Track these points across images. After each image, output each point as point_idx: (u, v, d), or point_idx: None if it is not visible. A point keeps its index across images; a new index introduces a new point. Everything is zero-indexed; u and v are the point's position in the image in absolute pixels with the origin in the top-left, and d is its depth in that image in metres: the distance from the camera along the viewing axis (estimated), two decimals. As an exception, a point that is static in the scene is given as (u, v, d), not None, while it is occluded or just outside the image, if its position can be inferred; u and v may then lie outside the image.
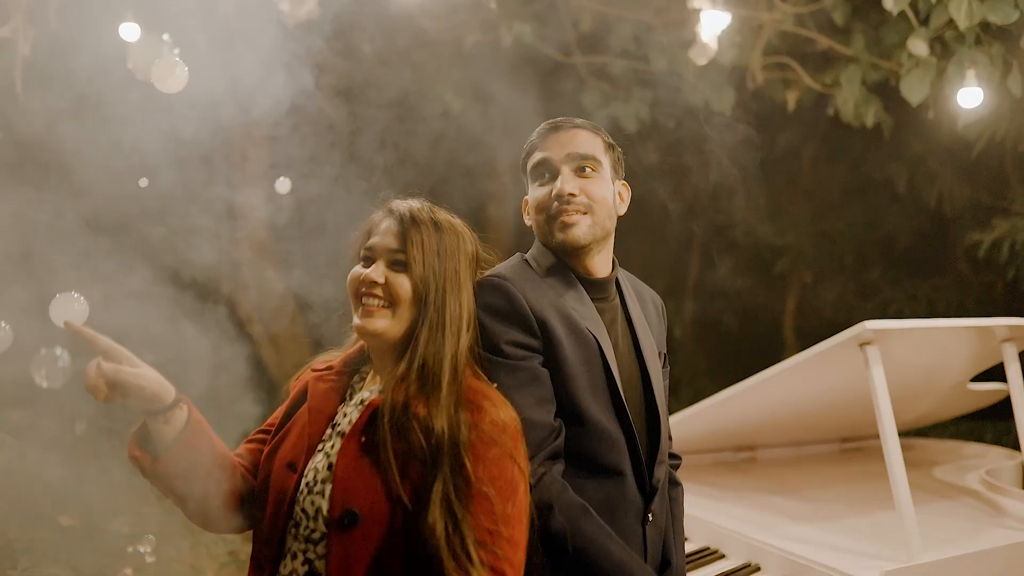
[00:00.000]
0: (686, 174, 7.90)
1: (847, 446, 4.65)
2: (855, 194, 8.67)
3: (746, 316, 9.68)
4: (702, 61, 4.74)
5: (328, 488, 1.71)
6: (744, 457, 4.33)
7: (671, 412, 3.76)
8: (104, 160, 5.06)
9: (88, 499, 5.37)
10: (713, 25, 4.65)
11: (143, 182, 5.37)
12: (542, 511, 1.75)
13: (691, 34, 5.30)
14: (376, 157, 7.47)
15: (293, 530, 1.76)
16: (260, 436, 2.02)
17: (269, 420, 2.03)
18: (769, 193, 8.78)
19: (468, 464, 1.63)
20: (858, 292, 8.82)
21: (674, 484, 2.27)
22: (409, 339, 1.78)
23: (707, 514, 3.33)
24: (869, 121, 5.67)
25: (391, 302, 1.78)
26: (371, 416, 1.75)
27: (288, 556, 1.75)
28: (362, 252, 1.85)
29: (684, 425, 3.77)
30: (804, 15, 5.58)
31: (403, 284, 1.78)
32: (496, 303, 1.87)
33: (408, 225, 1.80)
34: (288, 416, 1.94)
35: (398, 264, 1.79)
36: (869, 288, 8.74)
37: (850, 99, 5.59)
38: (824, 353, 3.02)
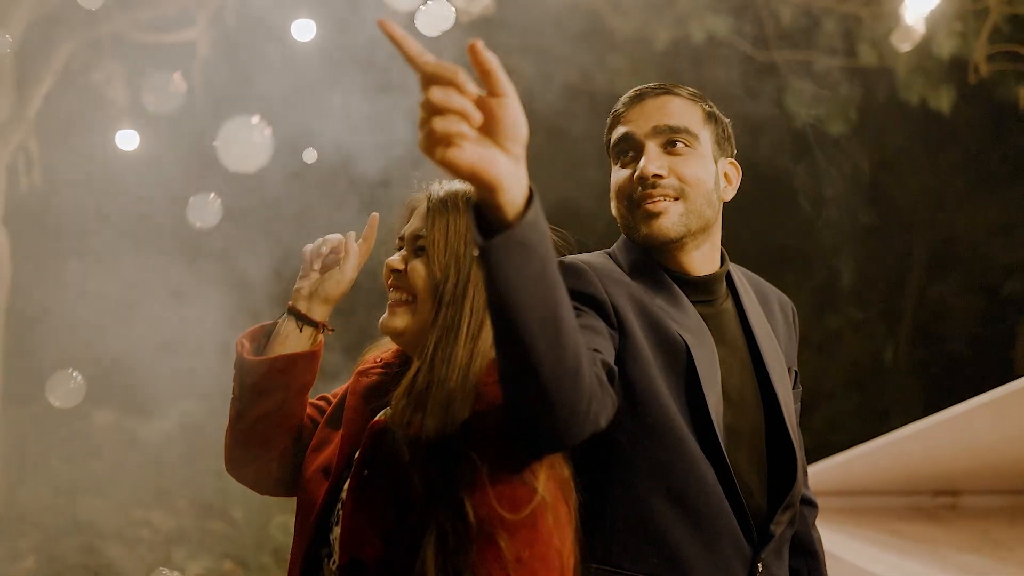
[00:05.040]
0: (901, 181, 7.27)
1: (1077, 498, 3.97)
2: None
3: (972, 340, 8.82)
4: (906, 47, 4.22)
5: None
6: (943, 503, 3.80)
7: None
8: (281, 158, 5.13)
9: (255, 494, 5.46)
10: (919, 5, 4.09)
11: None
12: None
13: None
14: (568, 161, 7.29)
15: (326, 560, 1.52)
16: (322, 404, 1.78)
17: (335, 391, 1.79)
18: (1000, 203, 7.93)
19: (467, 498, 1.32)
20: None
21: (809, 554, 1.82)
22: None
23: (889, 571, 2.88)
24: (1120, 118, 4.91)
25: (413, 295, 1.52)
26: (376, 442, 1.47)
27: None
28: (396, 240, 1.60)
29: (868, 459, 3.37)
30: (1040, -5, 4.90)
31: (418, 271, 1.50)
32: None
33: (435, 206, 1.51)
34: (340, 407, 1.69)
35: (421, 250, 1.52)
36: None
37: (1096, 93, 4.86)
38: (1036, 386, 2.50)
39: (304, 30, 4.77)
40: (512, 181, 1.11)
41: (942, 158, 8.03)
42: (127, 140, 5.06)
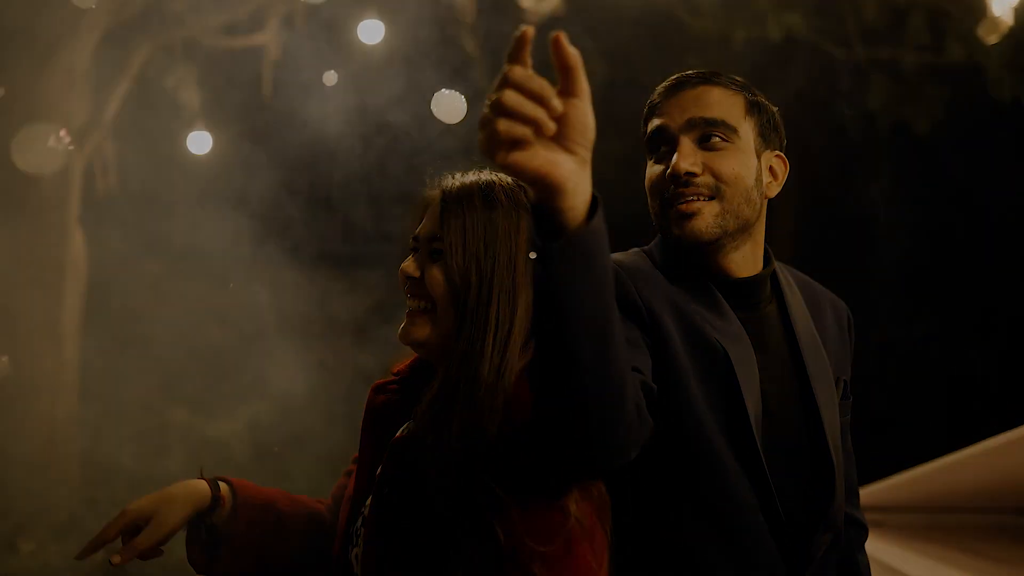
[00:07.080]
0: (992, 183, 7.00)
1: None
2: None
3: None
4: (992, 39, 4.01)
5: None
6: (1031, 522, 3.56)
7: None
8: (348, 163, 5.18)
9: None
10: (1008, -6, 3.89)
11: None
12: None
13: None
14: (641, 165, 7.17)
15: None
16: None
17: None
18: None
19: (497, 523, 1.22)
20: None
21: None
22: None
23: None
24: None
25: (432, 302, 1.40)
26: (397, 459, 1.38)
27: None
28: (410, 241, 1.48)
29: (947, 474, 3.19)
30: None
31: (435, 278, 1.38)
32: None
33: (450, 203, 1.39)
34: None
35: (437, 254, 1.40)
36: None
37: None
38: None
39: (372, 31, 4.80)
40: (576, 185, 1.04)
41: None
42: (199, 143, 5.16)
